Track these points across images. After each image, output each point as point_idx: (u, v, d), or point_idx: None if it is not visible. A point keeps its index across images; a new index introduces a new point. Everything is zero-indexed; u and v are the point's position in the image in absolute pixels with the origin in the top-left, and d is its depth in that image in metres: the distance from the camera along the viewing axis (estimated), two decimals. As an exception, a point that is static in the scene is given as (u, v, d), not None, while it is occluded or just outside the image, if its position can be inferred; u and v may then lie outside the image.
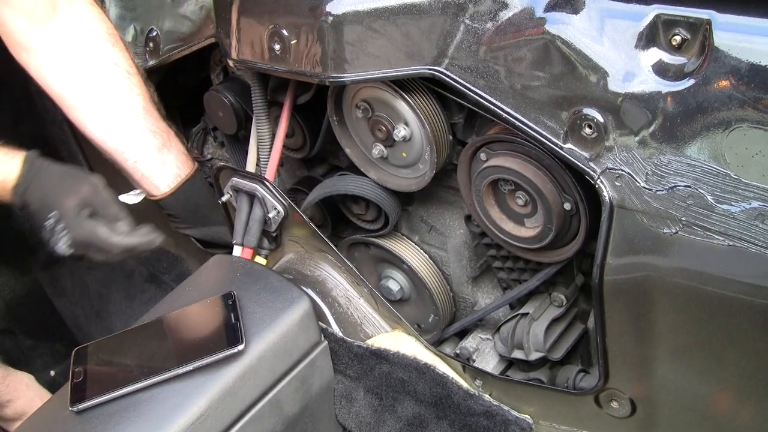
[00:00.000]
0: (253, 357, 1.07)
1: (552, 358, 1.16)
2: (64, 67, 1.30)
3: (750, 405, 0.97)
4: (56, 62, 1.30)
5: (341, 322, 1.24)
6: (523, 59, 0.95)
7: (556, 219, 1.04)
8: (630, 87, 0.88)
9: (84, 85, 1.32)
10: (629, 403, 1.06)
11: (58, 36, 1.29)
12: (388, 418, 1.23)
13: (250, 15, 1.11)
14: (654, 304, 0.95)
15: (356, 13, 1.00)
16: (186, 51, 1.36)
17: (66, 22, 1.29)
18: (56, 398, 1.10)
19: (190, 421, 1.01)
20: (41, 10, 1.27)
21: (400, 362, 1.18)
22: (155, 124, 1.35)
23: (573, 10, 0.92)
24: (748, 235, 0.84)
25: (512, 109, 0.97)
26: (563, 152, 0.95)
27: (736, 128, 0.82)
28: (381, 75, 1.04)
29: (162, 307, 1.18)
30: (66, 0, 1.29)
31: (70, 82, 1.32)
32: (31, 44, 1.29)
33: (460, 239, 1.28)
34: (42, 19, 1.28)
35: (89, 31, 1.31)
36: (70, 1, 1.30)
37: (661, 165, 0.88)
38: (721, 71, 0.82)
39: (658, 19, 0.86)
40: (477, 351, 1.29)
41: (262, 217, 1.27)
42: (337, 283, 1.27)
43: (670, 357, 0.99)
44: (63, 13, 1.29)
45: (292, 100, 1.26)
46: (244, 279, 1.18)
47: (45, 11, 1.28)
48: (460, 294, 1.34)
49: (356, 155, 1.23)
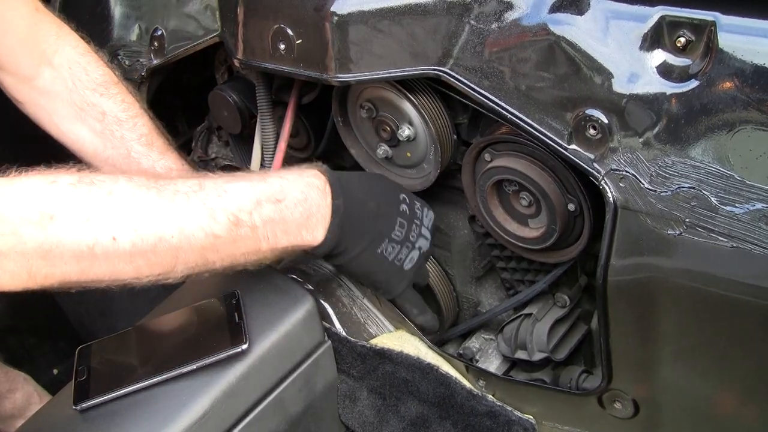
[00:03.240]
0: (257, 356, 1.07)
1: (555, 358, 1.16)
2: (57, 119, 1.30)
3: (753, 406, 0.97)
4: (49, 114, 1.30)
5: (345, 322, 1.24)
6: (527, 60, 0.95)
7: (560, 220, 1.04)
8: (634, 88, 0.88)
9: (83, 138, 1.31)
10: (632, 404, 1.06)
11: (45, 92, 1.28)
12: (391, 418, 1.23)
13: (255, 14, 1.11)
14: (658, 305, 0.95)
15: (361, 13, 1.00)
16: (191, 50, 1.36)
17: (51, 78, 1.28)
18: (60, 397, 1.10)
19: (193, 420, 1.01)
20: (25, 68, 1.26)
21: (404, 362, 1.18)
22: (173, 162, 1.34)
23: (578, 11, 0.92)
24: (751, 237, 0.84)
25: (517, 110, 0.97)
26: (567, 153, 0.95)
27: (740, 130, 0.82)
28: (386, 75, 1.04)
29: (166, 306, 1.18)
30: (52, 52, 1.28)
31: (68, 135, 1.31)
32: (23, 98, 1.29)
33: (464, 239, 1.28)
34: (28, 76, 1.27)
35: (75, 84, 1.29)
36: (57, 53, 1.28)
37: (665, 166, 0.88)
38: (725, 73, 0.82)
39: (662, 20, 0.86)
40: (480, 351, 1.29)
41: (266, 216, 1.27)
42: (340, 283, 1.27)
43: (674, 358, 0.99)
44: (48, 69, 1.28)
45: (296, 99, 1.26)
46: (247, 278, 1.17)
47: (29, 69, 1.26)
48: (464, 294, 1.34)
49: (361, 156, 1.24)
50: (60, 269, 0.89)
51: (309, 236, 1.02)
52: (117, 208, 0.91)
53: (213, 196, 0.96)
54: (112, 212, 0.90)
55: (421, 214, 1.14)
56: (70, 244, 0.88)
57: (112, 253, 0.90)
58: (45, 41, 1.27)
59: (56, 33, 1.29)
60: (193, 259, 0.96)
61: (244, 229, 0.97)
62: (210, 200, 0.96)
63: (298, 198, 1.01)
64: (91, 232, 0.89)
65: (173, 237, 0.93)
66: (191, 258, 0.96)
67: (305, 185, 1.03)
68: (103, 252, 0.90)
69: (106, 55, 1.36)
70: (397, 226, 1.10)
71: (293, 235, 1.01)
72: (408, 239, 1.11)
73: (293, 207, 1.00)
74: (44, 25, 1.28)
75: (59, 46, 1.29)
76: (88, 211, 0.89)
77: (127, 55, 1.48)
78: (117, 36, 1.50)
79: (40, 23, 1.27)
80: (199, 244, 0.95)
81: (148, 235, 0.92)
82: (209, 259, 0.97)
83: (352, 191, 1.06)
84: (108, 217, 0.90)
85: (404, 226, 1.10)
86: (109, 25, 1.51)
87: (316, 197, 1.03)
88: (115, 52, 1.48)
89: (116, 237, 0.90)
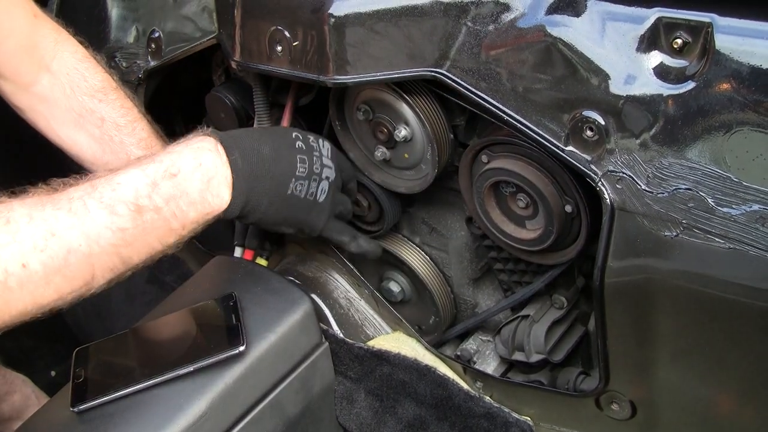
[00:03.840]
0: (254, 358, 1.07)
1: (553, 360, 1.16)
2: (56, 125, 1.30)
3: (750, 408, 0.97)
4: (47, 120, 1.30)
5: (342, 324, 1.24)
6: (524, 62, 0.95)
7: (557, 221, 1.04)
8: (631, 90, 0.89)
9: (81, 143, 1.31)
10: (630, 406, 1.07)
11: (43, 98, 1.28)
12: (388, 420, 1.23)
13: (252, 16, 1.11)
14: (655, 306, 0.95)
15: (358, 15, 1.01)
16: (188, 52, 1.36)
17: (50, 85, 1.28)
18: (57, 399, 1.10)
19: (190, 422, 1.01)
20: (24, 75, 1.26)
21: (401, 364, 1.18)
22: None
23: (575, 12, 0.92)
24: (748, 238, 0.84)
25: (514, 112, 0.97)
26: (564, 154, 0.95)
27: (737, 131, 0.83)
28: (383, 77, 1.04)
29: (163, 307, 1.18)
30: (50, 58, 1.28)
31: (66, 141, 1.31)
32: (22, 105, 1.29)
33: (461, 241, 1.28)
34: (26, 83, 1.26)
35: (74, 90, 1.29)
36: (55, 59, 1.28)
37: (662, 168, 0.88)
38: (722, 74, 0.82)
39: (659, 22, 0.86)
40: (478, 353, 1.29)
41: (263, 218, 1.27)
42: (338, 285, 1.27)
43: (671, 359, 0.99)
44: (46, 76, 1.28)
45: (293, 101, 1.26)
46: (245, 280, 1.18)
47: (28, 75, 1.26)
48: (461, 296, 1.34)
49: (359, 158, 1.24)
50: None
51: (216, 200, 1.02)
52: (18, 234, 0.89)
53: (108, 192, 0.95)
54: (14, 240, 0.89)
55: (318, 145, 1.13)
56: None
57: (26, 280, 0.89)
58: (44, 47, 1.27)
59: (55, 39, 1.29)
60: (109, 260, 0.96)
61: (149, 214, 0.97)
62: (106, 197, 0.95)
63: (193, 165, 1.00)
64: (0, 267, 0.87)
65: (81, 245, 0.92)
66: (106, 260, 0.95)
67: (196, 151, 1.02)
68: (17, 283, 0.88)
69: (104, 59, 1.36)
70: (299, 163, 1.09)
71: (199, 203, 1.00)
72: (313, 172, 1.10)
73: (190, 176, 1.00)
74: (43, 31, 1.28)
75: (58, 52, 1.29)
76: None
77: (124, 57, 1.48)
78: (114, 38, 1.50)
79: (38, 29, 1.27)
80: (109, 244, 0.94)
81: (57, 251, 0.91)
82: (124, 255, 0.97)
83: (244, 143, 1.05)
84: (12, 247, 0.88)
85: (305, 162, 1.10)
86: (107, 27, 1.51)
87: (210, 159, 1.02)
88: (113, 54, 1.48)
89: (26, 264, 0.89)
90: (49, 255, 0.90)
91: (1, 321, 0.90)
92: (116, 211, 0.95)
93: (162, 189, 0.98)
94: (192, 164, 1.00)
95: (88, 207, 0.94)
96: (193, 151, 1.02)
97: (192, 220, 1.01)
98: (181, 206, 0.99)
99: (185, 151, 1.02)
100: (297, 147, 1.10)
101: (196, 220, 1.01)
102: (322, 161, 1.12)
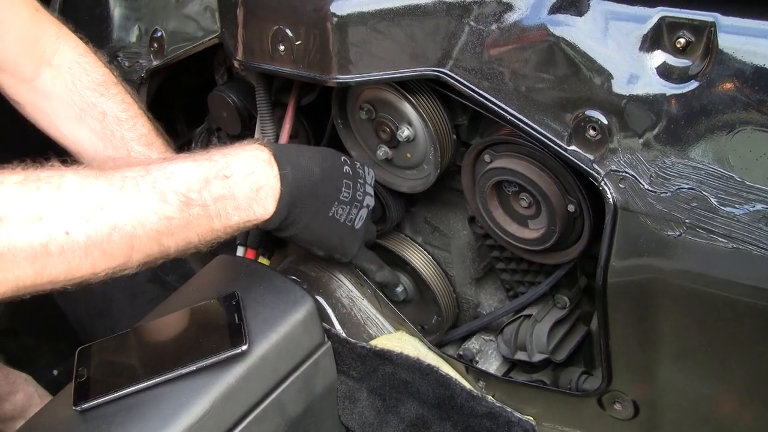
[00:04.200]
0: (257, 357, 1.07)
1: (555, 359, 1.16)
2: (57, 120, 1.29)
3: (753, 408, 0.97)
4: (48, 116, 1.29)
5: (345, 323, 1.24)
6: (527, 61, 0.95)
7: (559, 221, 1.04)
8: (634, 89, 0.89)
9: (83, 139, 1.31)
10: (632, 405, 1.06)
11: (44, 92, 1.28)
12: (391, 419, 1.23)
13: (254, 16, 1.11)
14: (657, 306, 0.95)
15: (361, 15, 1.00)
16: (190, 51, 1.36)
17: (51, 79, 1.28)
18: (60, 397, 1.10)
19: (193, 421, 1.01)
20: (25, 69, 1.25)
21: (404, 363, 1.18)
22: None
23: (577, 12, 0.92)
24: (751, 238, 0.84)
25: (516, 111, 0.97)
26: (567, 154, 0.95)
27: (740, 131, 0.83)
28: (385, 76, 1.04)
29: (165, 307, 1.18)
30: (52, 52, 1.27)
31: (68, 137, 1.31)
32: (22, 100, 1.29)
33: (464, 240, 1.28)
34: (27, 77, 1.26)
35: (75, 84, 1.29)
36: (57, 53, 1.28)
37: (665, 167, 0.88)
38: (725, 74, 0.82)
39: (662, 21, 0.86)
40: (480, 352, 1.29)
41: (266, 217, 1.27)
42: (340, 284, 1.27)
43: (674, 359, 0.99)
44: (48, 70, 1.27)
45: (296, 101, 1.26)
46: (247, 279, 1.18)
47: (29, 69, 1.26)
48: (464, 295, 1.34)
49: (361, 157, 1.24)
50: (13, 273, 0.87)
51: (260, 209, 1.02)
52: (67, 201, 0.90)
53: (161, 179, 0.96)
54: (62, 206, 0.89)
55: (363, 172, 1.15)
56: (23, 245, 0.86)
57: (67, 248, 0.89)
58: (45, 42, 1.27)
59: (56, 34, 1.29)
60: (148, 245, 0.96)
61: (196, 209, 0.97)
62: (159, 183, 0.96)
63: (246, 172, 1.01)
64: (44, 230, 0.87)
65: (126, 224, 0.92)
66: (146, 245, 0.95)
67: (250, 158, 1.03)
68: (57, 249, 0.88)
69: (105, 56, 1.36)
70: (344, 188, 1.10)
71: (244, 210, 1.01)
72: (355, 198, 1.12)
73: (242, 182, 1.00)
74: (44, 25, 1.27)
75: (59, 47, 1.28)
76: (39, 209, 0.88)
77: (126, 56, 1.48)
78: (117, 37, 1.50)
79: (40, 23, 1.27)
80: (153, 229, 0.95)
81: (102, 225, 0.91)
82: (164, 243, 0.97)
83: (296, 160, 1.06)
84: (59, 212, 0.89)
85: (350, 187, 1.11)
86: (109, 27, 1.51)
87: (262, 169, 1.02)
88: (115, 53, 1.48)
89: (69, 231, 0.89)
90: (94, 227, 0.90)
91: (31, 284, 0.90)
92: (166, 198, 0.95)
93: (213, 187, 0.99)
94: (245, 171, 1.01)
95: (140, 189, 0.94)
96: (247, 158, 1.03)
97: (234, 224, 1.02)
98: (228, 208, 1.00)
99: (240, 157, 1.02)
100: (344, 171, 1.12)
101: (237, 225, 1.02)
102: (365, 188, 1.14)
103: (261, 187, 1.02)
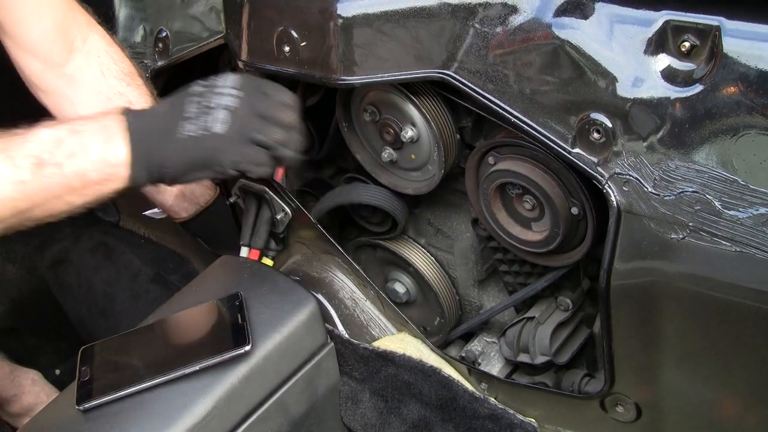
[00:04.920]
0: (260, 358, 1.07)
1: (557, 362, 1.16)
2: (81, 109, 1.29)
3: (756, 411, 0.97)
4: (73, 105, 1.30)
5: (347, 324, 1.24)
6: (532, 64, 0.95)
7: (563, 223, 1.04)
8: (639, 92, 0.89)
9: None
10: (635, 408, 1.07)
11: (73, 79, 1.28)
12: (393, 421, 1.23)
13: (259, 16, 1.12)
14: (660, 309, 0.95)
15: (366, 16, 1.01)
16: (195, 52, 1.36)
17: (81, 66, 1.29)
18: (63, 397, 1.10)
19: (196, 421, 1.01)
20: (56, 54, 1.26)
21: (406, 365, 1.19)
22: None
23: (582, 15, 0.92)
24: (755, 241, 0.84)
25: (521, 114, 0.97)
26: (571, 157, 0.95)
27: (744, 134, 0.83)
28: (390, 78, 1.04)
29: (168, 307, 1.18)
30: (82, 40, 1.29)
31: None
32: (49, 87, 1.29)
33: (467, 242, 1.28)
34: (57, 63, 1.27)
35: (104, 72, 1.30)
36: (87, 41, 1.29)
37: (669, 170, 0.88)
38: (729, 78, 0.82)
39: (667, 25, 0.86)
40: (482, 354, 1.29)
41: (269, 218, 1.28)
42: (343, 285, 1.27)
43: (676, 362, 0.99)
44: (78, 56, 1.28)
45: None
46: (251, 280, 1.18)
47: (60, 55, 1.27)
48: (466, 297, 1.34)
49: (366, 160, 1.24)
50: None
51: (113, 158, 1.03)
52: None
53: (15, 146, 0.99)
54: None
55: (217, 80, 1.09)
56: None
57: None
58: (77, 28, 1.28)
59: (87, 21, 1.30)
60: (3, 211, 0.98)
61: (49, 168, 0.99)
62: (12, 149, 0.99)
63: (97, 127, 1.04)
64: None
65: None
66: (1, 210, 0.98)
67: (103, 116, 1.06)
68: None
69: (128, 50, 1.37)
70: (186, 105, 1.06)
71: (98, 162, 1.02)
72: (206, 107, 1.06)
73: (92, 135, 1.03)
74: (75, 12, 1.29)
75: (89, 35, 1.30)
76: None
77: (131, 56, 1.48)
78: (122, 37, 1.51)
79: (72, 10, 1.28)
80: (7, 195, 0.97)
81: None
82: (20, 207, 0.99)
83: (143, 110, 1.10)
84: None
85: (197, 101, 1.06)
86: (114, 27, 1.52)
87: (112, 121, 1.05)
88: (120, 53, 1.49)
89: None
90: None
91: None
92: (17, 162, 0.98)
93: (66, 145, 1.01)
94: (96, 126, 1.04)
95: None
96: (100, 116, 1.06)
97: (94, 180, 1.03)
98: (83, 164, 1.02)
99: (95, 117, 1.06)
100: (190, 92, 1.08)
101: (98, 181, 1.03)
102: (220, 91, 1.07)
103: (110, 136, 1.04)
